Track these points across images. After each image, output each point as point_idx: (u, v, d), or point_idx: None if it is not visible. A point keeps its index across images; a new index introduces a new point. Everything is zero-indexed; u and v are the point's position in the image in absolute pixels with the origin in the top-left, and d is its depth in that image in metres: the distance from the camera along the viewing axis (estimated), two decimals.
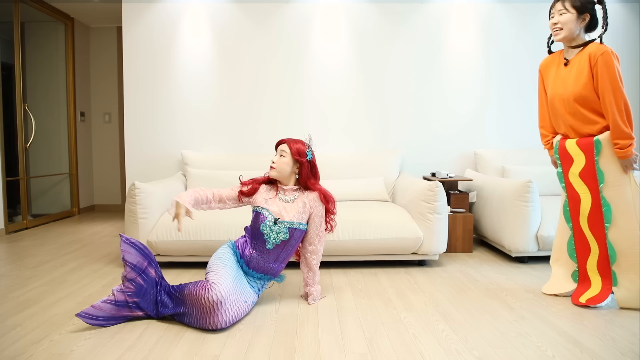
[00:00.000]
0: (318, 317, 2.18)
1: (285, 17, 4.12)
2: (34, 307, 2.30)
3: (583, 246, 2.34)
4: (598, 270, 2.30)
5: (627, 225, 2.18)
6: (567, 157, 2.33)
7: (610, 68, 2.13)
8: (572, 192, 2.34)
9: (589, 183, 2.26)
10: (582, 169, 2.27)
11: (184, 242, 2.91)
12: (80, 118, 5.45)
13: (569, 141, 2.32)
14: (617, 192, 2.19)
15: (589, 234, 2.30)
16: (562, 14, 2.24)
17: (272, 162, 2.31)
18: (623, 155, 2.14)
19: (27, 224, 4.50)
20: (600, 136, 2.20)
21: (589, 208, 2.27)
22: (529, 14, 4.17)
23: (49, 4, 4.87)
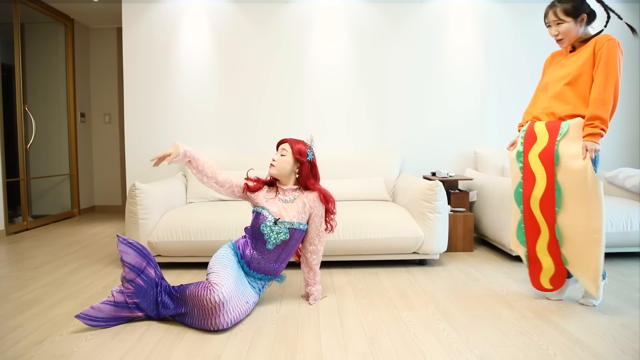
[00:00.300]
0: (319, 317, 2.18)
1: (285, 17, 4.12)
2: (34, 309, 2.30)
3: (533, 228, 2.31)
4: (549, 252, 2.28)
5: (575, 213, 2.15)
6: (532, 137, 2.28)
7: (611, 53, 2.09)
8: (529, 172, 2.28)
9: (547, 164, 2.21)
10: (543, 149, 2.22)
11: (184, 243, 2.91)
12: (80, 119, 5.45)
13: (538, 123, 2.29)
14: (571, 178, 2.14)
15: (540, 216, 2.27)
16: (559, 24, 2.21)
17: (273, 159, 2.32)
18: (590, 135, 2.07)
19: (28, 225, 4.50)
20: (569, 120, 2.17)
21: (543, 190, 2.23)
22: (527, 13, 4.18)
23: (49, 5, 4.87)
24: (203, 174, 2.29)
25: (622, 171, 3.61)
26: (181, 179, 3.75)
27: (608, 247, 3.08)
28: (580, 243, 2.16)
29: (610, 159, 4.28)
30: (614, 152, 4.29)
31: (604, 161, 4.25)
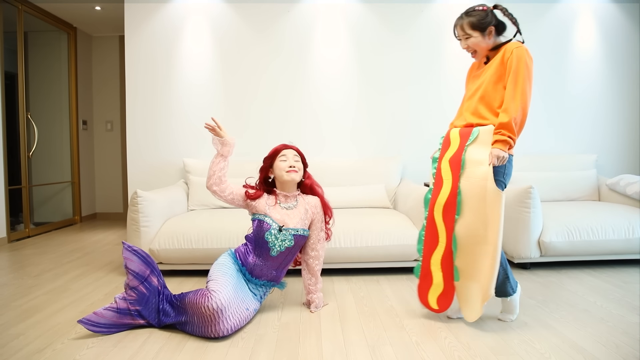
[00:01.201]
0: (320, 325, 2.18)
1: (287, 25, 4.15)
2: (36, 316, 2.30)
3: (432, 237, 2.19)
4: (441, 266, 2.16)
5: (473, 222, 2.06)
6: (447, 143, 2.24)
7: (520, 62, 2.03)
8: (439, 178, 2.21)
9: (454, 169, 2.15)
10: (453, 154, 2.17)
11: (186, 250, 2.92)
12: (82, 126, 5.47)
13: (454, 129, 2.25)
14: (472, 185, 2.07)
15: (441, 224, 2.16)
16: (467, 39, 2.16)
17: (293, 166, 2.31)
18: (498, 142, 2.00)
19: (30, 233, 4.50)
20: (480, 127, 2.11)
21: (447, 196, 2.14)
22: (527, 20, 4.20)
23: (52, 14, 4.91)
24: (217, 175, 2.28)
25: (623, 178, 3.61)
26: (183, 186, 3.76)
27: (611, 254, 3.10)
28: (475, 254, 2.07)
29: (611, 165, 4.29)
30: (615, 159, 4.30)
31: (606, 167, 4.25)
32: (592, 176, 3.89)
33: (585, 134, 4.27)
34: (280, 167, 2.31)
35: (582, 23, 4.24)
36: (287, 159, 2.32)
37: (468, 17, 2.15)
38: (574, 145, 4.27)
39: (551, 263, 3.25)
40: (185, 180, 3.90)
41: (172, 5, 4.13)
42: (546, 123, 4.24)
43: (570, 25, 4.24)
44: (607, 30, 4.27)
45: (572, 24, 4.24)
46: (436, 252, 2.18)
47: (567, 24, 4.23)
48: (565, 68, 4.25)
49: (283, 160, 2.32)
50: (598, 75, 4.28)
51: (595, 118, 4.28)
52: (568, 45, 4.24)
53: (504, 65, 2.09)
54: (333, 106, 4.18)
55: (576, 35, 4.24)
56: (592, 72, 4.27)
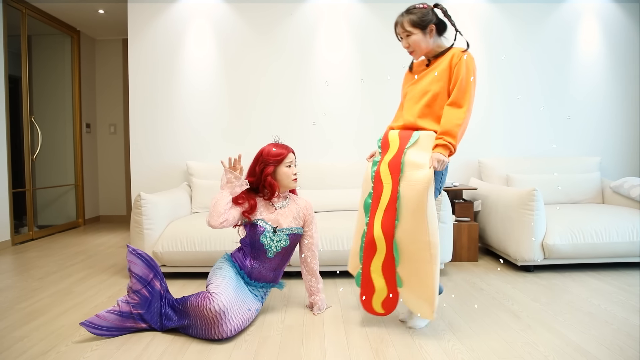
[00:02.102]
0: (324, 328, 2.18)
1: (290, 28, 4.16)
2: (40, 319, 2.31)
3: (370, 245, 2.12)
4: (382, 272, 2.10)
5: (413, 227, 2.00)
6: (386, 144, 2.19)
7: (468, 68, 2.01)
8: (378, 182, 2.14)
9: (393, 173, 2.09)
10: (392, 157, 2.12)
11: (189, 253, 2.92)
12: (85, 129, 5.49)
13: (392, 131, 2.21)
14: (412, 189, 2.00)
15: (379, 231, 2.09)
16: (408, 36, 2.12)
17: (295, 173, 2.33)
18: (439, 146, 1.98)
19: (33, 235, 4.52)
20: (420, 132, 2.08)
21: (387, 201, 2.08)
22: (530, 22, 4.20)
23: (56, 17, 4.94)
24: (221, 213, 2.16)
25: (627, 180, 3.60)
26: (186, 189, 3.77)
27: (614, 256, 3.10)
28: (417, 260, 2.00)
29: (614, 168, 4.28)
30: (618, 162, 4.29)
31: (610, 170, 4.24)
32: (596, 179, 3.88)
33: (588, 137, 4.27)
34: (287, 174, 2.30)
35: (586, 25, 4.24)
36: (292, 164, 2.32)
37: (409, 14, 2.12)
38: (577, 147, 4.26)
39: (555, 266, 3.24)
40: (189, 182, 3.91)
41: (175, 9, 4.15)
42: (550, 125, 4.23)
43: (573, 28, 4.23)
44: (611, 33, 4.26)
45: (576, 27, 4.23)
46: (375, 259, 2.11)
47: (571, 26, 4.23)
48: (569, 70, 4.24)
49: (289, 166, 2.30)
50: (602, 77, 4.27)
51: (599, 120, 4.27)
52: (572, 48, 4.24)
53: (450, 70, 2.05)
54: (336, 110, 4.18)
55: (580, 38, 4.24)
56: (596, 75, 4.26)
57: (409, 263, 2.03)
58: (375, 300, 2.15)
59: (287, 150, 2.32)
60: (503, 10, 4.20)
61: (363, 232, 2.18)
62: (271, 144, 2.34)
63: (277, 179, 2.30)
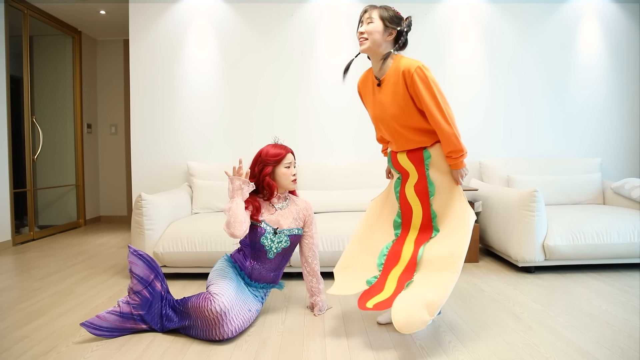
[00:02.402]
0: (324, 329, 2.18)
1: (290, 29, 4.17)
2: (41, 319, 2.31)
3: (394, 255, 2.15)
4: (397, 281, 2.07)
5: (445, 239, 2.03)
6: (403, 170, 2.20)
7: (427, 83, 1.97)
8: (405, 203, 2.19)
9: (421, 196, 2.13)
10: (416, 182, 2.15)
11: (190, 253, 2.92)
12: (86, 130, 5.50)
13: (400, 154, 2.18)
14: (444, 203, 2.09)
15: (410, 248, 2.12)
16: (369, 23, 2.06)
17: (294, 174, 2.31)
18: (455, 166, 2.05)
19: (34, 236, 4.52)
20: (429, 148, 2.09)
21: (420, 221, 2.15)
22: (531, 23, 4.20)
23: (57, 18, 4.94)
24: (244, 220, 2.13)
25: (628, 182, 3.60)
26: (187, 189, 3.77)
27: (616, 258, 3.10)
28: (439, 265, 1.96)
29: (616, 169, 4.27)
30: (619, 162, 4.28)
31: (611, 171, 4.24)
32: (597, 179, 3.87)
33: (589, 137, 4.26)
34: (286, 174, 2.28)
35: (587, 26, 4.23)
36: (291, 165, 2.31)
37: (380, 8, 2.08)
38: (578, 148, 4.26)
39: (556, 267, 3.24)
40: (189, 183, 3.91)
41: (176, 9, 4.15)
42: (550, 126, 4.23)
43: (574, 29, 4.23)
44: (612, 34, 4.26)
45: (577, 28, 4.23)
46: (396, 268, 2.11)
47: (572, 27, 4.23)
48: (570, 71, 4.24)
49: (287, 167, 2.29)
50: (602, 78, 4.27)
51: (599, 121, 4.27)
52: (573, 49, 4.23)
53: (407, 91, 2.01)
54: (339, 110, 4.17)
55: (580, 39, 4.23)
56: (597, 76, 4.26)
57: (426, 271, 2.00)
58: (374, 298, 2.08)
59: (286, 150, 2.30)
60: (504, 12, 4.20)
61: (389, 243, 2.20)
62: (270, 145, 2.33)
63: (275, 179, 2.29)
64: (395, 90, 2.05)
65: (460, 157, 2.02)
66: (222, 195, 3.62)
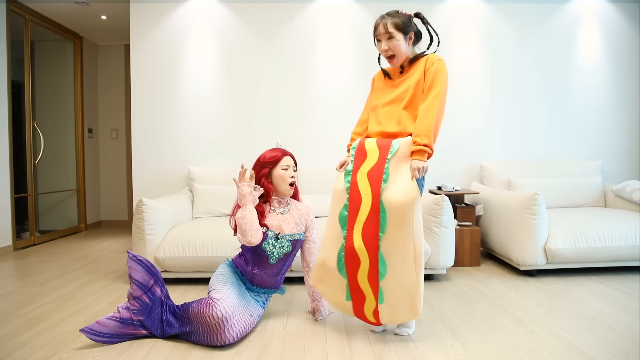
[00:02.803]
0: (326, 333, 2.17)
1: (291, 35, 4.17)
2: (42, 324, 2.30)
3: (352, 259, 2.05)
4: (369, 282, 2.04)
5: (399, 237, 1.96)
6: (362, 154, 2.12)
7: (440, 74, 2.03)
8: (355, 193, 2.07)
9: (373, 183, 2.02)
10: (372, 167, 2.06)
11: (191, 258, 2.92)
12: (87, 134, 5.51)
13: (368, 140, 2.15)
14: (396, 199, 1.96)
15: (361, 244, 2.02)
16: (390, 39, 2.08)
17: (292, 177, 2.30)
18: (416, 153, 1.96)
19: (35, 240, 4.52)
20: (399, 139, 2.06)
21: (367, 213, 2.02)
22: (531, 25, 4.21)
23: (59, 23, 4.96)
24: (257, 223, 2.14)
25: (629, 184, 3.59)
26: (188, 194, 3.77)
27: (617, 260, 3.09)
28: (402, 271, 1.96)
29: (617, 171, 4.27)
30: (620, 165, 4.28)
31: (612, 173, 4.23)
32: (598, 182, 3.87)
33: (590, 140, 4.26)
34: (284, 177, 2.27)
35: (587, 28, 4.24)
36: (289, 168, 2.30)
37: (391, 17, 2.09)
38: (579, 151, 4.25)
39: (558, 270, 3.23)
40: (190, 188, 3.91)
41: (177, 14, 4.16)
42: (551, 129, 4.23)
43: (574, 31, 4.23)
44: (612, 36, 4.26)
45: (577, 30, 4.23)
46: (361, 271, 2.05)
47: (572, 30, 4.23)
48: (570, 73, 4.24)
49: (285, 169, 2.28)
50: (603, 81, 4.27)
51: (600, 124, 4.27)
52: (573, 51, 4.24)
53: (424, 73, 2.07)
54: (340, 116, 4.16)
55: (580, 41, 4.24)
56: (597, 79, 4.26)
57: (394, 274, 1.98)
58: (366, 308, 2.09)
59: (283, 153, 2.31)
60: (504, 15, 4.20)
61: (341, 245, 2.10)
62: (270, 149, 2.35)
63: (273, 182, 2.29)
64: (414, 73, 2.11)
65: (425, 146, 1.95)
66: (224, 199, 3.62)
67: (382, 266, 1.99)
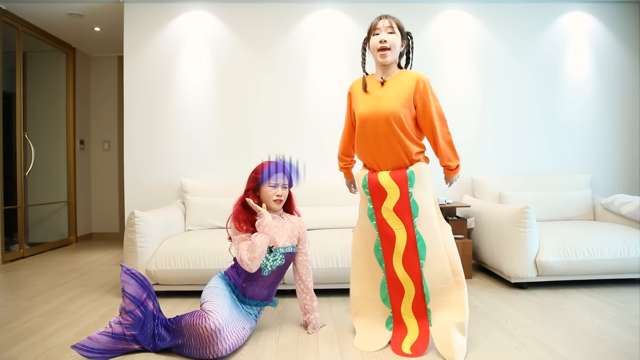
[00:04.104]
0: (318, 347, 2.17)
1: (284, 48, 4.21)
2: (31, 339, 2.27)
3: (396, 288, 2.12)
4: (413, 313, 2.11)
5: (437, 260, 2.06)
6: (381, 191, 2.12)
7: (435, 98, 2.12)
8: (386, 228, 2.11)
9: (404, 217, 2.08)
10: (397, 202, 2.09)
11: (183, 271, 2.91)
12: (79, 146, 5.48)
13: (381, 174, 2.14)
14: (429, 226, 2.08)
15: (404, 273, 2.09)
16: (390, 33, 2.09)
17: (279, 195, 2.30)
18: (455, 171, 2.23)
19: (24, 253, 4.47)
20: (412, 167, 2.11)
21: (404, 245, 2.08)
22: (521, 43, 4.29)
23: (52, 34, 4.96)
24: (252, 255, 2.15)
25: (617, 198, 3.64)
26: (180, 206, 3.76)
27: (607, 273, 3.13)
28: (446, 292, 2.06)
29: (606, 185, 4.33)
30: (610, 179, 4.34)
31: (600, 187, 4.29)
32: (587, 196, 3.92)
33: (579, 154, 4.32)
34: (269, 194, 2.28)
35: (575, 45, 4.32)
36: (277, 185, 2.29)
37: (397, 19, 2.15)
38: (568, 165, 4.31)
39: (548, 283, 3.25)
40: (183, 200, 3.90)
41: (171, 26, 4.19)
42: (541, 143, 4.29)
43: (563, 48, 4.32)
44: (600, 53, 4.35)
45: (565, 47, 4.32)
46: (405, 300, 2.11)
47: (561, 46, 4.31)
48: (560, 89, 4.31)
49: (273, 186, 2.29)
50: (592, 97, 4.34)
51: (589, 138, 4.33)
52: (562, 67, 4.31)
53: (415, 95, 2.09)
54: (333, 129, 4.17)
55: (569, 59, 4.31)
56: (586, 94, 4.34)
57: (438, 297, 2.07)
58: (405, 342, 2.10)
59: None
60: (496, 32, 4.28)
61: (382, 279, 2.17)
62: (267, 162, 2.35)
63: (261, 197, 2.31)
64: (402, 88, 2.09)
65: (457, 168, 2.17)
66: (216, 212, 3.62)
67: (426, 290, 2.09)
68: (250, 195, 2.29)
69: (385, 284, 2.15)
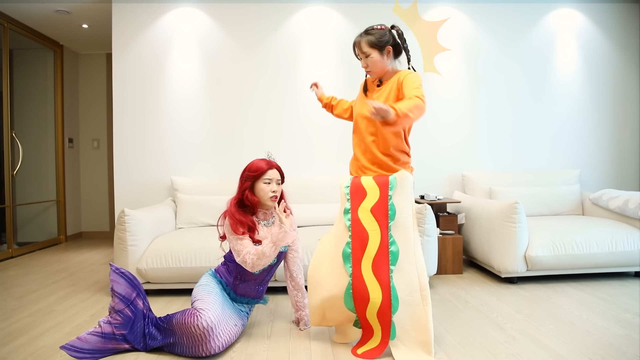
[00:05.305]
0: (310, 343, 2.17)
1: (274, 45, 4.20)
2: (20, 339, 2.25)
3: (361, 295, 2.02)
4: (378, 319, 2.02)
5: (407, 268, 2.01)
6: (360, 191, 2.14)
7: (414, 79, 2.04)
8: (360, 229, 2.08)
9: (380, 219, 2.06)
10: (375, 203, 2.08)
11: (174, 269, 2.90)
12: (68, 144, 5.43)
13: (364, 177, 2.16)
14: (403, 233, 2.04)
15: (372, 278, 2.02)
16: (366, 57, 2.15)
17: (274, 191, 2.26)
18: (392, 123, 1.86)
19: (13, 253, 4.42)
20: (395, 174, 2.09)
21: (377, 248, 2.04)
22: (512, 38, 4.31)
23: (39, 32, 4.90)
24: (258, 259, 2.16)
25: (605, 192, 3.68)
26: (171, 204, 3.74)
27: (595, 267, 3.15)
28: (412, 304, 1.98)
29: (594, 180, 4.37)
30: (598, 174, 4.39)
31: (589, 182, 4.34)
32: (576, 191, 3.96)
33: (569, 150, 4.36)
34: (265, 190, 2.24)
35: (564, 41, 4.35)
36: (272, 181, 2.26)
37: (367, 35, 2.15)
38: (557, 160, 4.35)
39: (538, 277, 3.29)
40: (173, 198, 3.88)
41: (160, 23, 4.16)
42: (531, 139, 4.32)
43: (552, 45, 4.35)
44: (588, 50, 4.39)
45: (554, 44, 4.35)
46: (370, 307, 2.01)
47: (549, 43, 4.35)
48: (549, 86, 4.35)
49: (267, 183, 2.25)
50: (580, 93, 4.38)
51: (578, 134, 4.37)
52: (552, 63, 4.35)
53: (398, 87, 2.09)
54: (323, 125, 4.18)
55: (558, 55, 4.35)
56: (575, 91, 4.37)
57: (404, 308, 1.99)
58: (366, 345, 2.06)
59: (269, 166, 2.27)
60: (486, 28, 4.29)
61: (348, 283, 2.05)
62: (258, 159, 2.31)
63: (256, 194, 2.27)
64: (391, 89, 2.14)
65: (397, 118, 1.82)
66: (207, 210, 3.61)
67: (395, 300, 1.98)
68: (247, 193, 2.25)
69: (350, 291, 2.04)
